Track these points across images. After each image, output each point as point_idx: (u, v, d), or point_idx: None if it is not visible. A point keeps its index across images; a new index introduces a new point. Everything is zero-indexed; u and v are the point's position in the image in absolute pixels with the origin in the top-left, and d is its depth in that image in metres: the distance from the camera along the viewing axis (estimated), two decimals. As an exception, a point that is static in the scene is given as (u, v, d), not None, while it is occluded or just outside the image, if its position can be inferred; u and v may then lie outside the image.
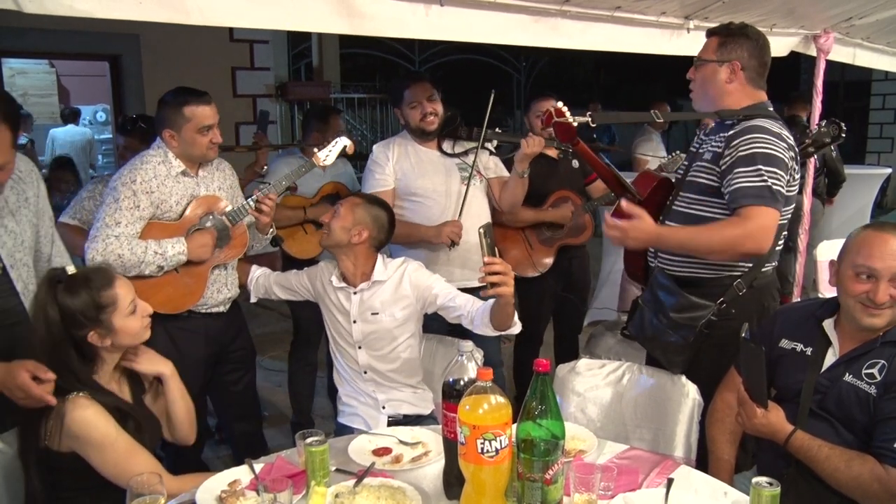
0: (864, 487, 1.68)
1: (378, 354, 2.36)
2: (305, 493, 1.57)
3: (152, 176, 2.34)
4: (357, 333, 2.35)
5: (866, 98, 10.31)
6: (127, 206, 2.29)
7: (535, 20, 2.68)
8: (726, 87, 2.16)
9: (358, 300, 2.34)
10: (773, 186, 1.98)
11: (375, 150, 2.96)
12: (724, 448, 2.00)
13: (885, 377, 1.73)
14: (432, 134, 2.89)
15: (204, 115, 2.37)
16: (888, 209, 9.13)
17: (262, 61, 6.34)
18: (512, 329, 2.18)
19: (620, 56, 3.21)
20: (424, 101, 2.84)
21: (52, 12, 1.70)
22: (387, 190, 2.87)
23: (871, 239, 1.77)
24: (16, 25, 4.28)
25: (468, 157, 2.93)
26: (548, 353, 3.63)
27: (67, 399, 1.71)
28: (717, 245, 2.04)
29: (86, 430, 1.70)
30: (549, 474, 1.40)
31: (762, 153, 2.00)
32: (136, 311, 1.83)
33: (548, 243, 3.34)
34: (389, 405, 2.38)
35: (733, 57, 2.14)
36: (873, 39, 4.01)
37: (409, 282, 2.34)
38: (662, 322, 2.17)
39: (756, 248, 2.00)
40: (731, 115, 2.14)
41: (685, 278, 2.19)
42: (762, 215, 1.97)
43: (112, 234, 2.25)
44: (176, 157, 2.40)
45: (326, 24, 2.24)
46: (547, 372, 1.41)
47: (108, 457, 1.71)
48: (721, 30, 2.20)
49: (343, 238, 2.30)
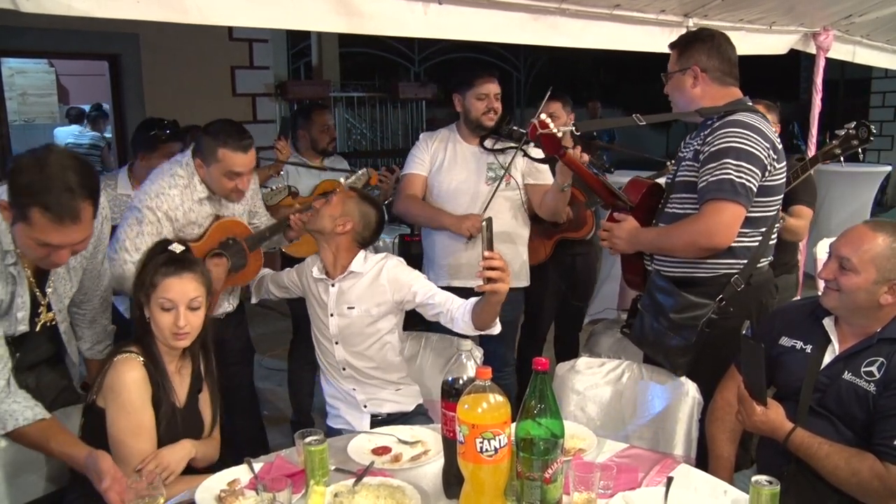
0: (864, 485, 1.68)
1: (355, 350, 2.34)
2: (305, 493, 1.57)
3: (179, 203, 2.31)
4: (333, 327, 2.34)
5: (866, 96, 10.31)
6: (149, 231, 2.25)
7: (534, 18, 2.68)
8: (693, 93, 2.21)
9: (335, 292, 2.33)
10: (737, 180, 1.99)
11: (421, 137, 3.04)
12: (724, 446, 2.00)
13: (885, 375, 1.73)
14: (485, 130, 2.89)
15: (235, 163, 2.29)
16: (888, 207, 9.13)
17: (261, 60, 6.33)
18: (492, 329, 2.16)
19: (620, 54, 3.20)
20: (493, 96, 2.86)
21: (50, 11, 1.71)
22: (421, 174, 2.93)
23: (850, 227, 1.85)
24: (15, 25, 4.27)
25: (504, 155, 2.90)
26: (548, 352, 3.63)
27: (122, 355, 1.79)
28: (679, 242, 2.12)
29: (118, 387, 1.77)
30: (548, 473, 1.40)
31: (734, 147, 2.02)
32: (172, 312, 1.84)
33: (546, 235, 3.34)
34: (371, 403, 2.37)
35: (691, 63, 2.20)
36: (873, 37, 4.01)
37: (386, 277, 2.31)
38: (663, 325, 2.16)
39: (714, 244, 2.04)
40: (710, 113, 2.17)
41: (682, 278, 2.19)
42: (720, 211, 2.01)
43: (130, 259, 2.21)
44: (201, 182, 2.35)
45: (325, 23, 2.24)
46: (546, 370, 1.41)
47: (119, 421, 1.77)
48: (678, 41, 2.29)
49: (327, 225, 2.30)
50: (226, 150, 2.27)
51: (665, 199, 2.30)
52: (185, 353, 1.94)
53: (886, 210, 8.81)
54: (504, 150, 2.90)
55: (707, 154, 2.07)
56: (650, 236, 2.24)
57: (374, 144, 8.98)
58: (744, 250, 2.13)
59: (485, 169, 2.90)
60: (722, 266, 2.14)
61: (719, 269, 2.15)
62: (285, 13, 2.12)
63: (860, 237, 1.79)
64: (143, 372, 1.80)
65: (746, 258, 2.14)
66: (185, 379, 1.94)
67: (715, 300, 2.13)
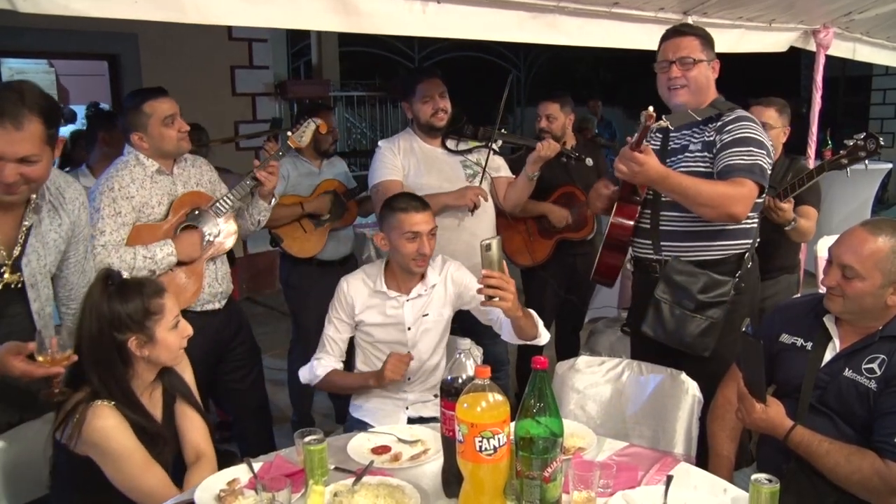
0: (865, 482, 1.68)
1: (426, 355, 2.37)
2: (304, 492, 1.57)
3: (129, 181, 2.35)
4: (411, 340, 2.35)
5: (867, 93, 10.30)
6: (108, 213, 2.28)
7: (533, 17, 2.68)
8: (711, 84, 2.34)
9: (410, 306, 2.34)
10: (762, 164, 2.17)
11: (382, 145, 2.96)
12: (725, 444, 2.00)
13: (885, 372, 1.73)
14: (440, 130, 2.89)
15: (163, 108, 2.39)
16: (889, 204, 9.12)
17: (260, 60, 6.33)
18: (538, 340, 2.24)
19: (620, 52, 3.20)
20: (436, 96, 2.85)
21: (47, 11, 1.71)
22: (397, 180, 2.87)
23: (847, 231, 1.83)
24: (14, 25, 4.27)
25: (472, 154, 2.93)
26: (548, 350, 3.62)
27: (91, 405, 1.70)
28: (711, 198, 2.14)
29: (104, 440, 1.69)
30: (547, 472, 1.40)
31: (754, 138, 2.19)
32: (179, 327, 1.82)
33: (547, 235, 3.35)
34: (413, 408, 2.38)
35: (713, 56, 2.34)
36: (873, 34, 4.01)
37: (451, 280, 2.39)
38: (688, 307, 2.25)
39: (738, 212, 2.15)
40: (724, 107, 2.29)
41: (700, 261, 2.28)
42: (751, 188, 2.15)
43: (98, 244, 2.24)
44: (148, 158, 2.40)
45: (324, 22, 2.24)
46: (545, 369, 1.41)
47: (123, 469, 1.71)
48: (694, 31, 2.36)
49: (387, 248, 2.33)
50: (149, 103, 2.38)
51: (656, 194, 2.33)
52: (156, 378, 1.87)
53: (887, 207, 8.80)
54: (470, 150, 2.94)
55: (728, 140, 2.19)
56: (683, 181, 2.16)
57: (374, 143, 8.96)
58: (752, 231, 2.31)
59: (461, 167, 2.91)
60: (736, 246, 2.29)
61: (730, 249, 2.29)
62: (284, 12, 2.12)
63: (860, 242, 1.76)
64: (118, 414, 1.72)
65: (752, 238, 2.32)
66: (158, 399, 1.89)
67: (733, 277, 2.26)
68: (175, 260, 2.35)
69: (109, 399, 1.72)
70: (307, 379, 2.41)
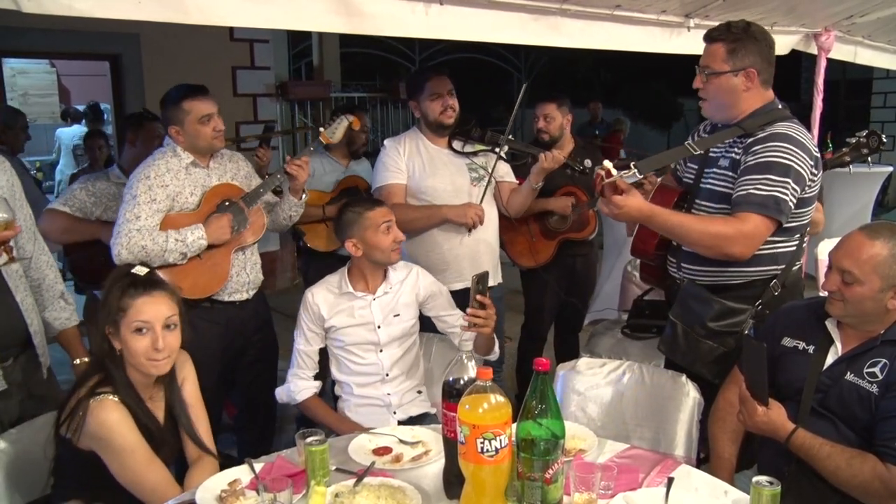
0: (866, 486, 1.68)
1: (398, 355, 2.41)
2: (305, 493, 1.57)
3: (165, 170, 2.44)
4: (382, 339, 2.38)
5: (867, 96, 10.30)
6: (144, 200, 2.37)
7: (535, 19, 2.67)
8: (743, 95, 2.10)
9: (378, 305, 2.37)
10: (781, 197, 1.98)
11: (387, 144, 2.96)
12: (726, 447, 2.00)
13: (887, 376, 1.73)
14: (448, 129, 2.89)
15: (202, 107, 2.47)
16: (889, 208, 9.11)
17: (262, 60, 6.33)
18: (491, 356, 2.40)
19: (621, 54, 3.20)
20: (445, 94, 2.86)
21: (51, 12, 1.70)
22: (400, 184, 2.88)
23: (846, 236, 1.83)
24: (16, 25, 4.27)
25: (478, 157, 2.94)
26: (548, 352, 3.63)
27: (95, 398, 1.71)
28: (705, 239, 2.03)
29: (108, 434, 1.70)
30: (549, 473, 1.40)
31: (778, 163, 1.98)
32: (147, 335, 1.76)
33: (549, 236, 3.35)
34: (401, 410, 2.40)
35: (747, 64, 2.06)
36: (874, 37, 4.01)
37: (420, 284, 2.46)
38: (699, 333, 2.14)
39: (739, 253, 2.01)
40: (753, 128, 2.08)
41: (715, 286, 2.16)
42: (758, 224, 1.99)
43: (133, 228, 2.33)
44: (185, 150, 2.50)
45: (326, 24, 2.23)
46: (547, 371, 1.41)
47: (126, 464, 1.71)
48: (726, 35, 2.09)
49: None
50: (189, 101, 2.47)
51: (689, 203, 2.24)
52: (157, 381, 1.86)
53: (888, 211, 8.79)
54: (476, 152, 2.94)
55: (749, 165, 2.01)
56: (671, 221, 2.03)
57: (375, 144, 8.97)
58: (783, 256, 2.13)
59: (466, 170, 2.92)
60: (761, 272, 2.13)
61: (756, 275, 2.14)
62: (286, 13, 2.11)
63: (858, 246, 1.76)
64: (123, 409, 1.72)
65: (784, 263, 2.15)
66: (160, 402, 1.88)
67: (753, 305, 2.11)
68: (205, 243, 2.43)
69: (113, 394, 1.73)
70: (285, 400, 2.43)
